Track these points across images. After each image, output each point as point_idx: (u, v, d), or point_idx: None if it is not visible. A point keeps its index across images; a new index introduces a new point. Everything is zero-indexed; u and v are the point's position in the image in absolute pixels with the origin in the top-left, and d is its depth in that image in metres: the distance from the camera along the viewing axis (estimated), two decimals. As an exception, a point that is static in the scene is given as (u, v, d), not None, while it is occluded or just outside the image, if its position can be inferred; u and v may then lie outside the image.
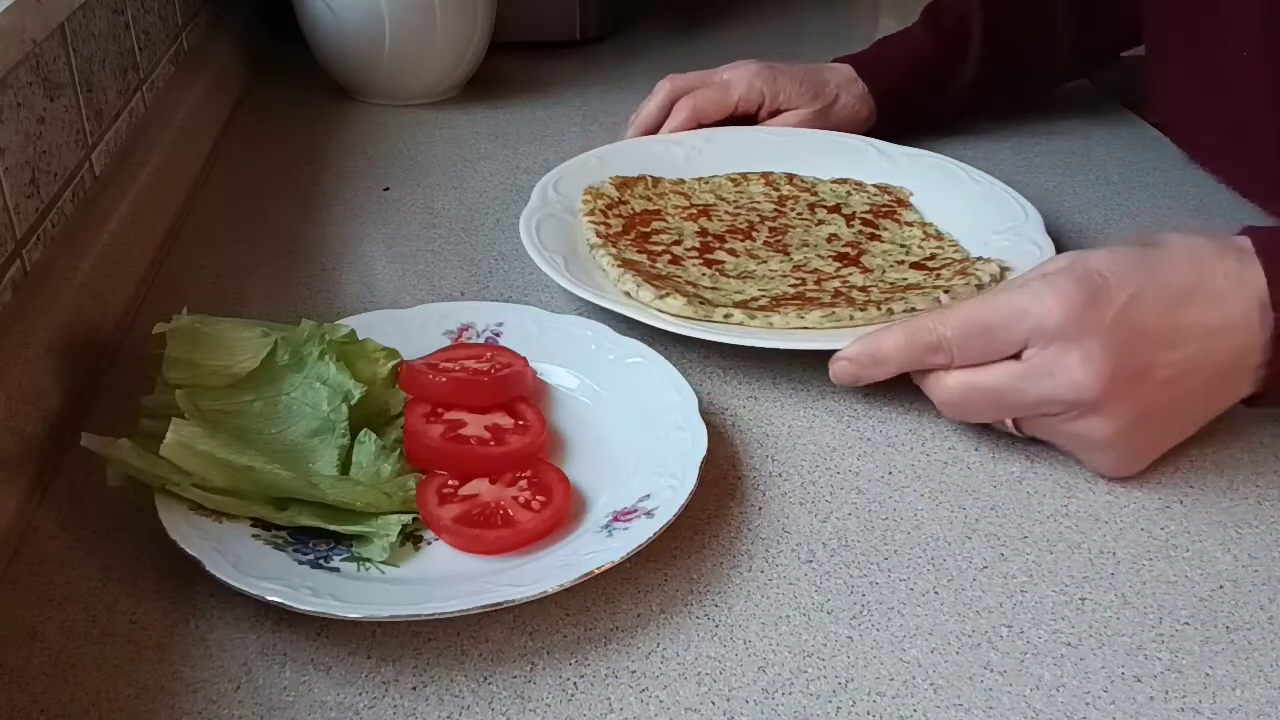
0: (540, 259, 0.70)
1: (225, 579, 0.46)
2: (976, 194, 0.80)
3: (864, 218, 0.79)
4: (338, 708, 0.44)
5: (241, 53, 1.11)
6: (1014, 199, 0.77)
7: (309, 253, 0.78)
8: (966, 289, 0.66)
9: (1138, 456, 0.56)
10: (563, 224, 0.75)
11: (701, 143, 0.87)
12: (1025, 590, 0.50)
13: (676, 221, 0.78)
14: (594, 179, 0.80)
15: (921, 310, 0.65)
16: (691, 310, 0.65)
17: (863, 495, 0.56)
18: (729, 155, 0.86)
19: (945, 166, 0.83)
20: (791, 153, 0.86)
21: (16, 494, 0.53)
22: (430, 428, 0.55)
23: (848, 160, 0.85)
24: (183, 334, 0.57)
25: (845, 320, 0.65)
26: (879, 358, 0.58)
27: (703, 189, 0.83)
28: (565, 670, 0.46)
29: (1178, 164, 0.91)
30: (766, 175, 0.84)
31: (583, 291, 0.67)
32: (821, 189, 0.83)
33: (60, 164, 0.69)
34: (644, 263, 0.72)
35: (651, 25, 1.28)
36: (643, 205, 0.80)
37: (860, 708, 0.44)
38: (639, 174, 0.82)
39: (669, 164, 0.85)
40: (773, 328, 0.64)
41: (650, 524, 0.50)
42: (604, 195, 0.78)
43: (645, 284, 0.67)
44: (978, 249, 0.73)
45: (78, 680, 0.45)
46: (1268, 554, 0.53)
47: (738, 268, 0.73)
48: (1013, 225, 0.74)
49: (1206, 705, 0.45)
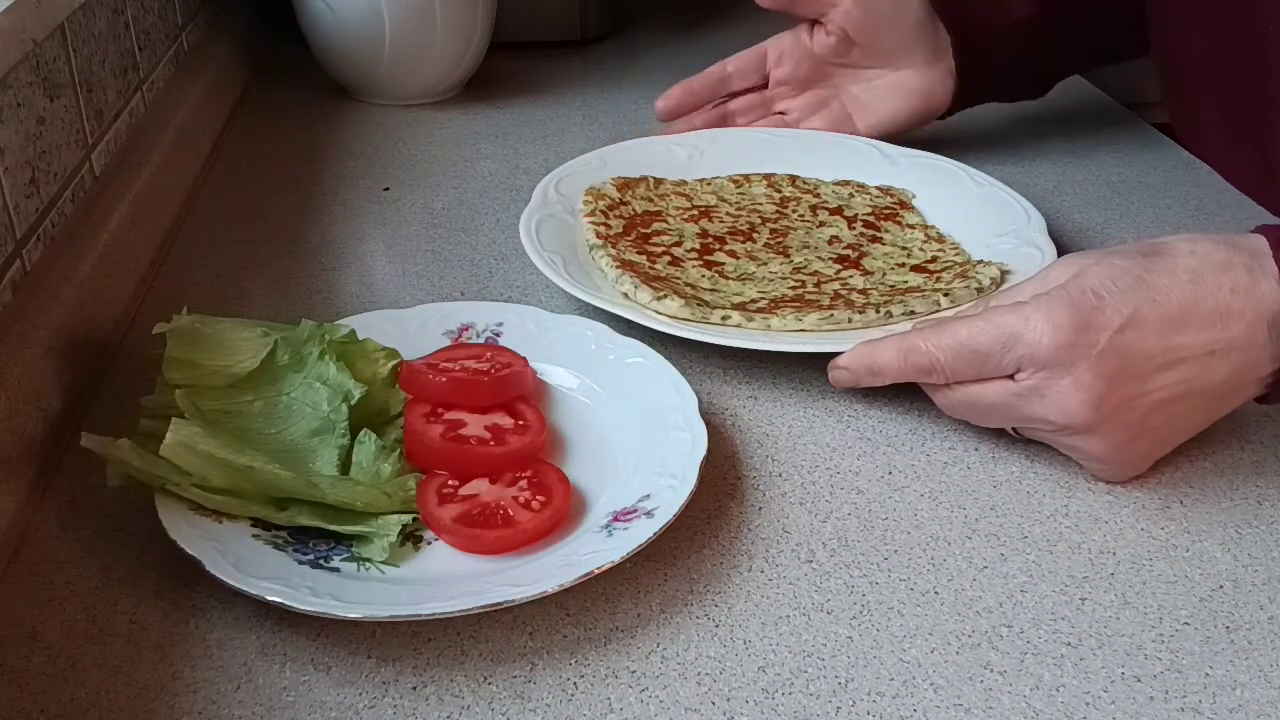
0: (539, 259, 0.69)
1: (225, 579, 0.46)
2: (978, 196, 0.80)
3: (865, 220, 0.79)
4: (338, 708, 0.44)
5: (241, 53, 1.11)
6: (1016, 201, 0.77)
7: (309, 253, 0.78)
8: (967, 292, 0.66)
9: (1134, 466, 0.56)
10: (563, 224, 0.75)
11: (705, 143, 0.87)
12: (1025, 590, 0.50)
13: (677, 223, 0.78)
14: (596, 179, 0.80)
15: (920, 313, 0.65)
16: (689, 312, 0.65)
17: (863, 495, 0.56)
18: (731, 156, 0.86)
19: (947, 168, 0.83)
20: (793, 154, 0.86)
21: (16, 494, 0.53)
22: (430, 428, 0.55)
23: (850, 162, 0.85)
24: (183, 334, 0.57)
25: (844, 323, 0.65)
26: (875, 370, 0.59)
27: (704, 190, 0.83)
28: (565, 670, 0.46)
29: (1178, 164, 0.91)
30: (769, 177, 0.84)
31: (580, 292, 0.67)
32: (824, 190, 0.83)
33: (60, 164, 0.69)
34: (643, 264, 0.72)
35: (651, 25, 1.28)
36: (644, 206, 0.79)
37: (860, 708, 0.44)
38: (640, 175, 0.82)
39: (671, 165, 0.84)
40: (770, 330, 0.64)
41: (650, 524, 0.50)
42: (605, 196, 0.78)
43: (643, 285, 0.67)
44: (979, 252, 0.73)
45: (78, 680, 0.45)
46: (1268, 554, 0.53)
47: (737, 270, 0.73)
48: (1014, 228, 0.74)
49: (1206, 705, 0.45)
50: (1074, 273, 0.54)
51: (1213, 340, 0.52)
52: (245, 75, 1.09)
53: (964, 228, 0.77)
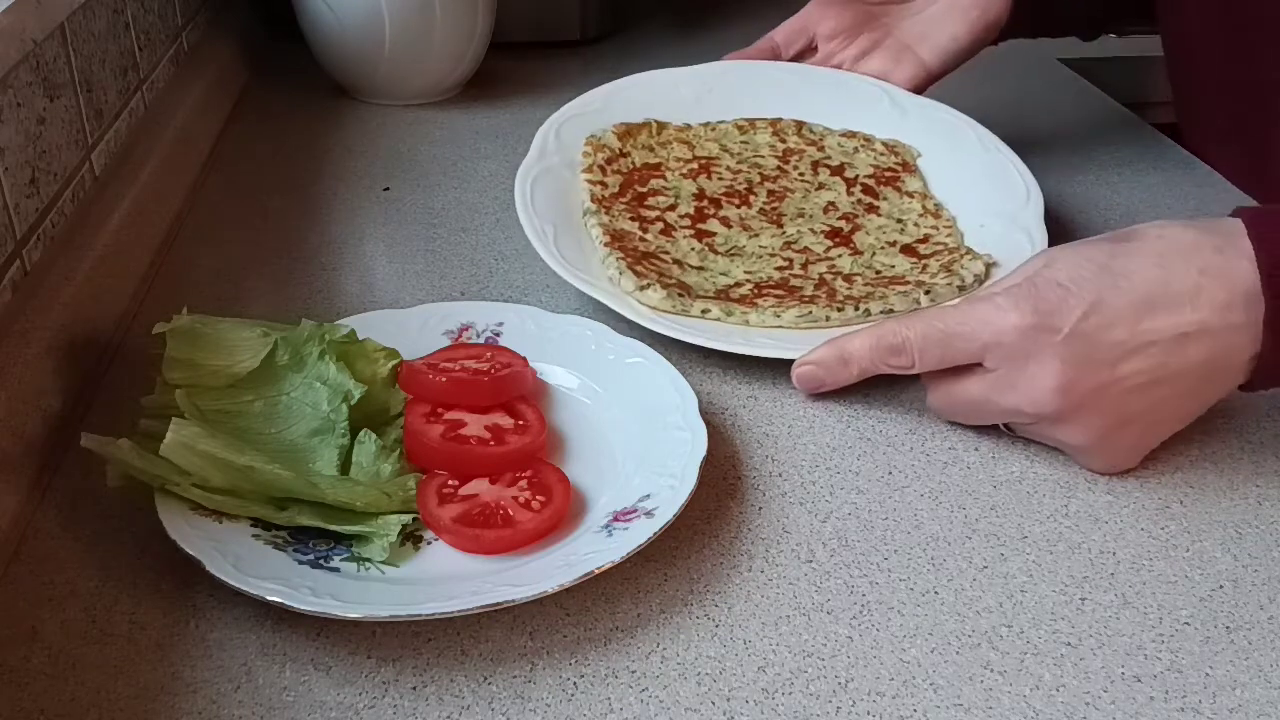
0: (530, 228, 0.70)
1: (225, 579, 0.46)
2: (983, 164, 0.78)
3: (865, 184, 0.77)
4: (338, 708, 0.44)
5: (241, 53, 1.11)
6: (1019, 175, 0.76)
7: (309, 253, 0.78)
8: (949, 290, 0.66)
9: (1125, 457, 0.56)
10: (559, 181, 0.75)
11: (713, 80, 0.84)
12: (1025, 590, 0.50)
13: (675, 180, 0.78)
14: (598, 124, 0.78)
15: (900, 311, 0.65)
16: (669, 304, 0.65)
17: (863, 495, 0.56)
18: (739, 96, 0.83)
19: (958, 127, 0.81)
20: (803, 96, 0.83)
21: (16, 494, 0.53)
22: (430, 428, 0.55)
23: (860, 108, 0.82)
24: (183, 334, 0.57)
25: (821, 320, 0.65)
26: (845, 357, 0.59)
27: (708, 136, 0.81)
28: (565, 670, 0.46)
29: (1178, 164, 0.91)
30: (775, 123, 0.82)
31: (567, 273, 0.67)
32: (829, 142, 0.81)
33: (60, 164, 0.69)
34: (635, 233, 0.72)
35: (651, 25, 1.28)
36: (644, 158, 0.78)
37: (860, 708, 0.44)
38: (644, 119, 0.81)
39: (678, 104, 0.82)
40: (749, 325, 0.65)
41: (650, 524, 0.50)
42: (605, 147, 0.78)
43: (628, 270, 0.67)
44: (972, 232, 0.73)
45: (78, 680, 0.45)
46: (1268, 554, 0.53)
47: (728, 242, 0.73)
48: (1011, 208, 0.73)
49: (1206, 705, 0.45)
50: (1044, 263, 0.55)
51: (1183, 322, 0.52)
52: (245, 75, 1.09)
53: (962, 199, 0.76)
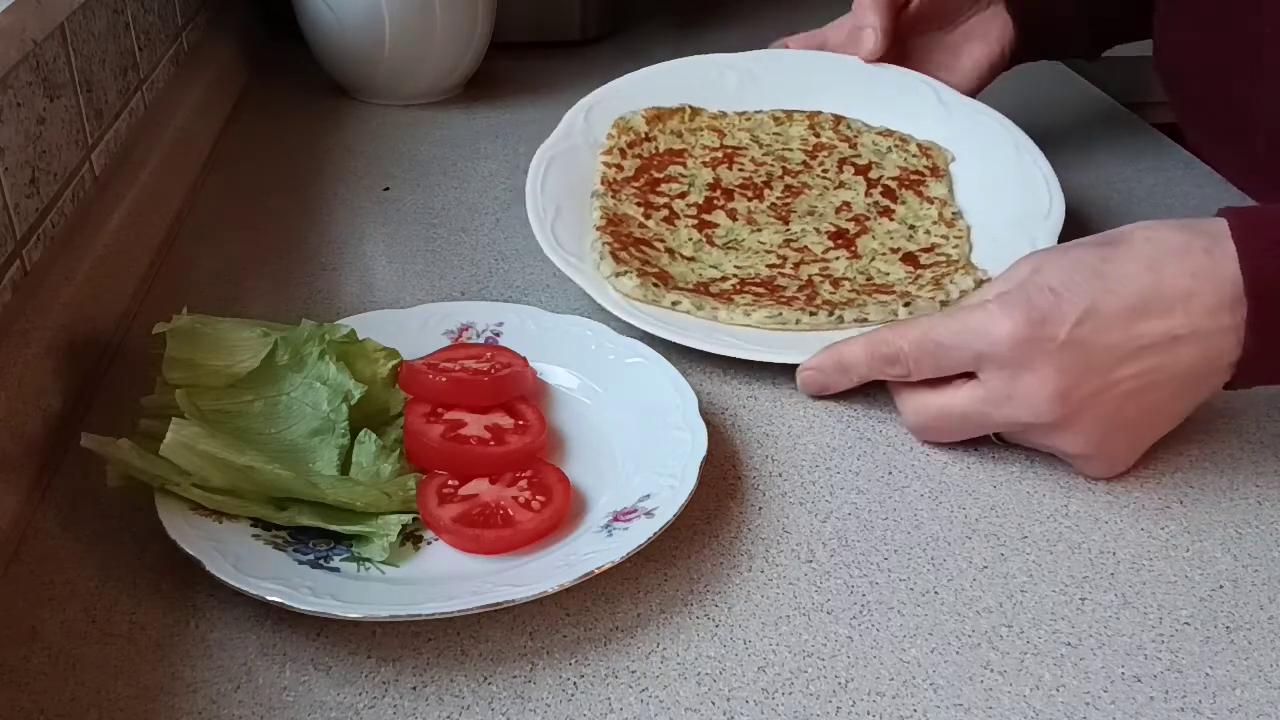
0: (532, 204, 0.70)
1: (225, 579, 0.46)
2: (1014, 169, 0.76)
3: (887, 185, 0.76)
4: (338, 708, 0.44)
5: (241, 53, 1.11)
6: (1046, 187, 0.74)
7: (309, 253, 0.78)
8: (929, 304, 0.66)
9: (1120, 460, 0.56)
10: (578, 162, 0.75)
11: (760, 68, 0.83)
12: (1025, 590, 0.50)
13: (694, 167, 0.77)
14: (632, 106, 0.78)
15: (874, 321, 0.65)
16: (641, 293, 0.65)
17: (863, 495, 0.56)
18: (787, 84, 0.82)
19: (994, 127, 0.79)
20: (850, 88, 0.82)
21: (16, 494, 0.53)
22: (430, 428, 0.55)
23: (905, 102, 0.81)
24: (183, 334, 0.57)
25: (790, 323, 0.65)
26: (842, 365, 0.60)
27: (741, 125, 0.80)
28: (565, 670, 0.46)
29: (1178, 164, 0.91)
30: (813, 116, 0.81)
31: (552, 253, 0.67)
32: (863, 140, 0.80)
33: (60, 164, 0.69)
34: (635, 218, 0.72)
35: (651, 25, 1.28)
36: (669, 143, 0.78)
37: (860, 708, 0.44)
38: (681, 104, 0.80)
39: (720, 91, 0.81)
40: (718, 321, 0.65)
41: (650, 524, 0.50)
42: (631, 129, 0.77)
43: (609, 255, 0.67)
44: (985, 243, 0.72)
45: (78, 680, 0.45)
46: (1268, 554, 0.53)
47: (729, 234, 0.73)
48: (1030, 221, 0.72)
49: (1206, 705, 0.45)
50: (1033, 269, 0.54)
51: (1175, 326, 0.52)
52: (245, 75, 1.09)
53: (984, 208, 0.75)
